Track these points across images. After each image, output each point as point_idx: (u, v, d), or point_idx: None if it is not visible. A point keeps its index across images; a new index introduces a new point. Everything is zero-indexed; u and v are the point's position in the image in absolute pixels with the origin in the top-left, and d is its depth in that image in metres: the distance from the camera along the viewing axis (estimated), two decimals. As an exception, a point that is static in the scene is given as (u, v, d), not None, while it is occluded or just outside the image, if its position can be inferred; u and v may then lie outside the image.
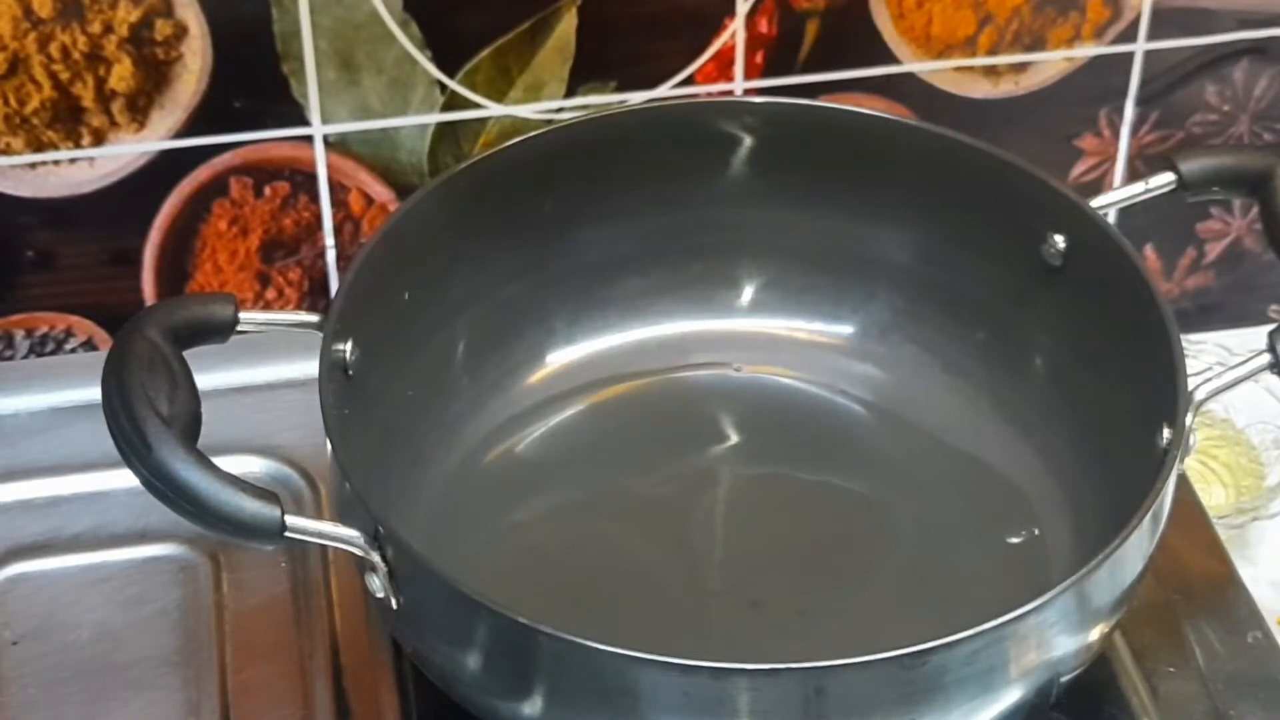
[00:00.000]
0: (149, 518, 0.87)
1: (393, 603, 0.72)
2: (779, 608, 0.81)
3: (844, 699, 0.67)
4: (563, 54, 0.95)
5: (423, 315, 0.85)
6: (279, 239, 0.98)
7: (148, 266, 0.97)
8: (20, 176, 0.93)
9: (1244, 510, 0.92)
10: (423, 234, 0.84)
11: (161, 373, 0.73)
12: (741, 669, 0.67)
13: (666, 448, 0.89)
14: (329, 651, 0.83)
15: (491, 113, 0.96)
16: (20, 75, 0.90)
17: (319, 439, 0.74)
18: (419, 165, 0.97)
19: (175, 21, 0.90)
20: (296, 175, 0.96)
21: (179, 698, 0.82)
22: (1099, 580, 0.70)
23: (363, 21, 0.92)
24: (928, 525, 0.84)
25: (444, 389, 0.87)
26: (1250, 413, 0.96)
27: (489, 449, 0.88)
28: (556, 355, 0.92)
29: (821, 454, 0.88)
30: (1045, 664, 0.71)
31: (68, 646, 0.84)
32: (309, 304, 1.00)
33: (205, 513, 0.70)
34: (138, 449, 0.70)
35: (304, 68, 0.92)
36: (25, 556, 0.88)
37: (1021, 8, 0.97)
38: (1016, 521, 0.84)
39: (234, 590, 0.87)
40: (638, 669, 0.67)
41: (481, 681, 0.72)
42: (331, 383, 0.76)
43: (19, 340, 0.98)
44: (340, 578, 0.86)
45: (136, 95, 0.92)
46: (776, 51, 0.97)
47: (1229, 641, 0.83)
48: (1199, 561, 0.86)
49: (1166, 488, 0.72)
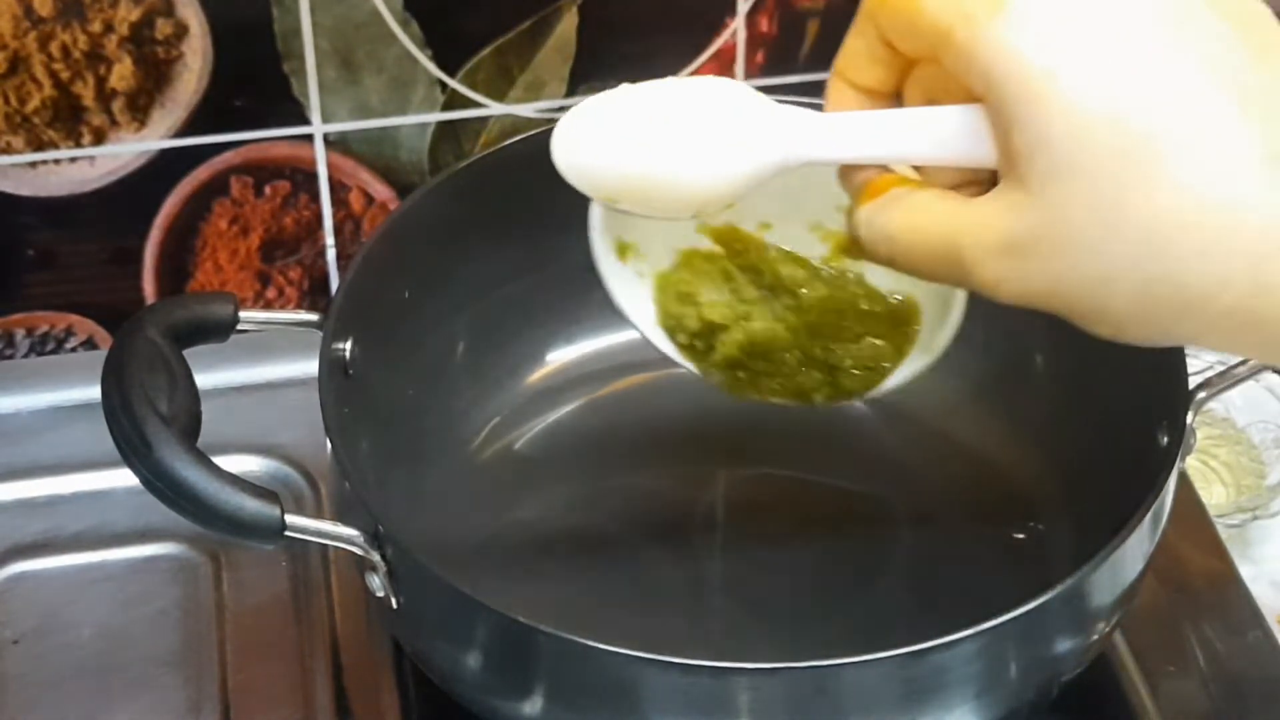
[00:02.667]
0: (149, 517, 0.87)
1: (393, 602, 0.72)
2: (779, 607, 0.81)
3: (844, 699, 0.68)
4: (563, 53, 0.95)
5: (423, 314, 0.85)
6: (279, 238, 0.98)
7: (148, 266, 0.97)
8: (21, 175, 0.93)
9: (1244, 509, 0.92)
10: (423, 233, 0.84)
11: (161, 372, 0.73)
12: (741, 669, 0.67)
13: (666, 446, 0.89)
14: (329, 651, 0.83)
15: (492, 112, 0.96)
16: (21, 74, 0.90)
17: (319, 439, 0.74)
18: (419, 164, 0.97)
19: (176, 20, 0.90)
20: (297, 174, 0.96)
21: (179, 697, 0.82)
22: (1099, 580, 0.70)
23: (363, 20, 0.92)
24: (928, 524, 0.84)
25: (444, 388, 0.87)
26: (1251, 412, 0.96)
27: (489, 447, 0.89)
28: (556, 354, 0.92)
29: (822, 453, 0.88)
30: (1045, 664, 0.71)
31: (68, 646, 0.84)
32: (309, 303, 1.00)
33: (205, 512, 0.70)
34: (138, 448, 0.70)
35: (304, 67, 0.92)
36: (25, 556, 0.88)
37: (1022, 7, 0.97)
38: (1017, 520, 0.84)
39: (234, 590, 0.87)
40: (638, 669, 0.67)
41: (481, 681, 0.72)
42: (331, 382, 0.76)
43: (19, 339, 0.98)
44: (340, 577, 0.86)
45: (137, 94, 0.92)
46: (777, 51, 0.97)
47: (1229, 641, 0.83)
48: (1199, 561, 0.86)
49: (1167, 487, 0.72)
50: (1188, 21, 0.54)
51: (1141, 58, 0.53)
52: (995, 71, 0.54)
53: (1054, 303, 0.56)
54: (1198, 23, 0.54)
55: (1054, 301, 0.56)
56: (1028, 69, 0.54)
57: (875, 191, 0.60)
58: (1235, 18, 0.54)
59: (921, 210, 0.59)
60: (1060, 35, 0.54)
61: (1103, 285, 0.55)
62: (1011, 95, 0.54)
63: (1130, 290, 0.54)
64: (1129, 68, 0.53)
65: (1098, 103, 0.53)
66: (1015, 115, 0.54)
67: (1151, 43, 0.53)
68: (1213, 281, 0.53)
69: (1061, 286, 0.55)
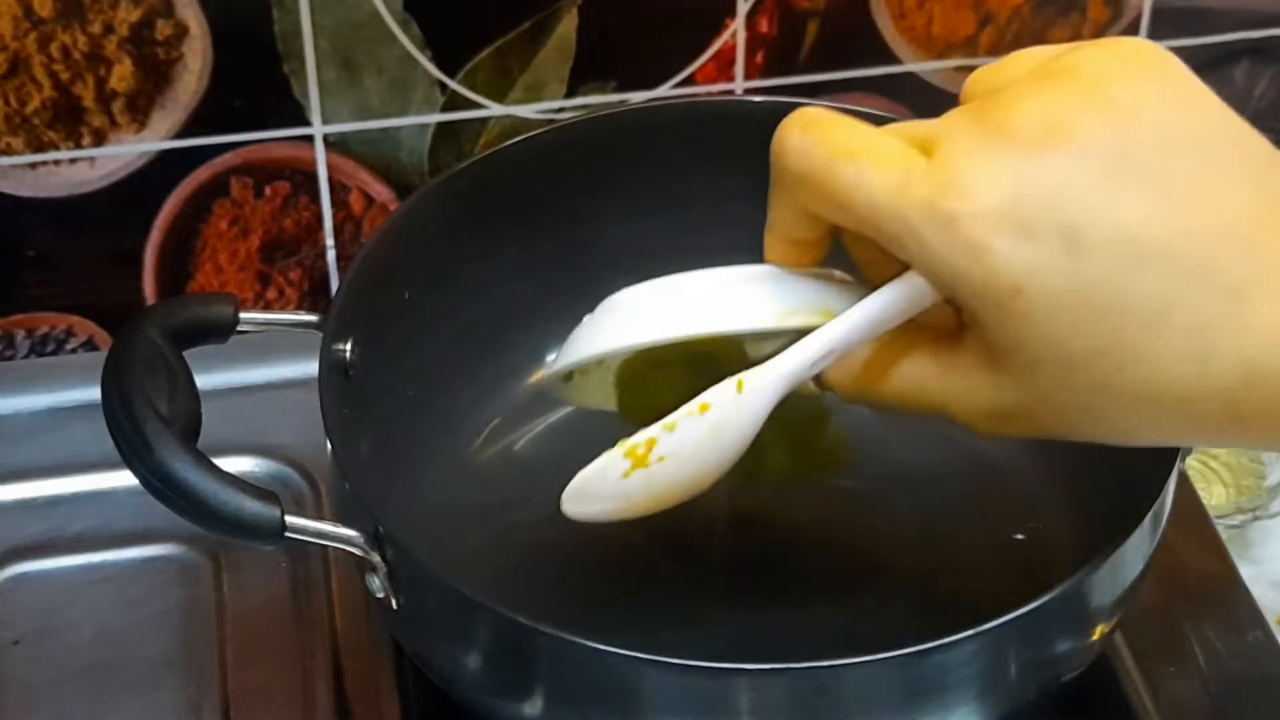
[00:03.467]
0: (149, 518, 0.87)
1: (393, 603, 0.72)
2: (779, 607, 0.81)
3: (844, 699, 0.67)
4: (563, 54, 0.95)
5: (423, 314, 0.85)
6: (279, 239, 0.98)
7: (148, 266, 0.97)
8: (21, 176, 0.93)
9: (1244, 510, 0.92)
10: (423, 234, 0.84)
11: (161, 373, 0.73)
12: (741, 669, 0.67)
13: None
14: (329, 651, 0.83)
15: (492, 113, 0.96)
16: (21, 75, 0.90)
17: (319, 439, 0.74)
18: (419, 165, 0.97)
19: (176, 21, 0.90)
20: (297, 175, 0.96)
21: (179, 698, 0.82)
22: (1099, 580, 0.70)
23: (363, 21, 0.92)
24: (928, 524, 0.84)
25: (444, 388, 0.87)
26: (1251, 412, 0.96)
27: (489, 448, 0.88)
28: (556, 354, 0.91)
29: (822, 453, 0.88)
30: (1045, 664, 0.71)
31: (68, 646, 0.84)
32: (309, 304, 1.00)
33: (205, 513, 0.70)
34: (138, 449, 0.70)
35: (304, 68, 0.92)
36: (26, 556, 0.88)
37: (1022, 8, 0.97)
38: (1017, 521, 0.84)
39: (234, 590, 0.87)
40: (638, 669, 0.67)
41: (481, 681, 0.72)
42: (331, 382, 0.76)
43: (19, 340, 0.98)
44: (340, 578, 0.86)
45: (137, 95, 0.92)
46: (777, 51, 0.97)
47: (1229, 641, 0.83)
48: (1199, 561, 0.86)
49: (1167, 487, 0.72)
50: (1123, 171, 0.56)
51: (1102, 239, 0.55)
52: (962, 288, 0.57)
53: (1049, 438, 0.60)
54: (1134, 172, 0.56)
55: (1049, 437, 0.60)
56: (996, 287, 0.56)
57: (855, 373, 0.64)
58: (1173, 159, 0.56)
59: (909, 382, 0.62)
60: (1021, 248, 0.55)
61: (1091, 433, 0.59)
62: (982, 307, 0.57)
63: (1121, 434, 0.59)
64: (1091, 260, 0.55)
65: (1067, 311, 0.55)
66: (987, 322, 0.57)
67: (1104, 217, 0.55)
68: (1198, 415, 0.56)
69: (1051, 435, 0.60)
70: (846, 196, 0.58)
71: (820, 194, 0.60)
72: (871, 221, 0.58)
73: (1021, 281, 0.55)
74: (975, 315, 0.57)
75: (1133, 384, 0.56)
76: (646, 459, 0.66)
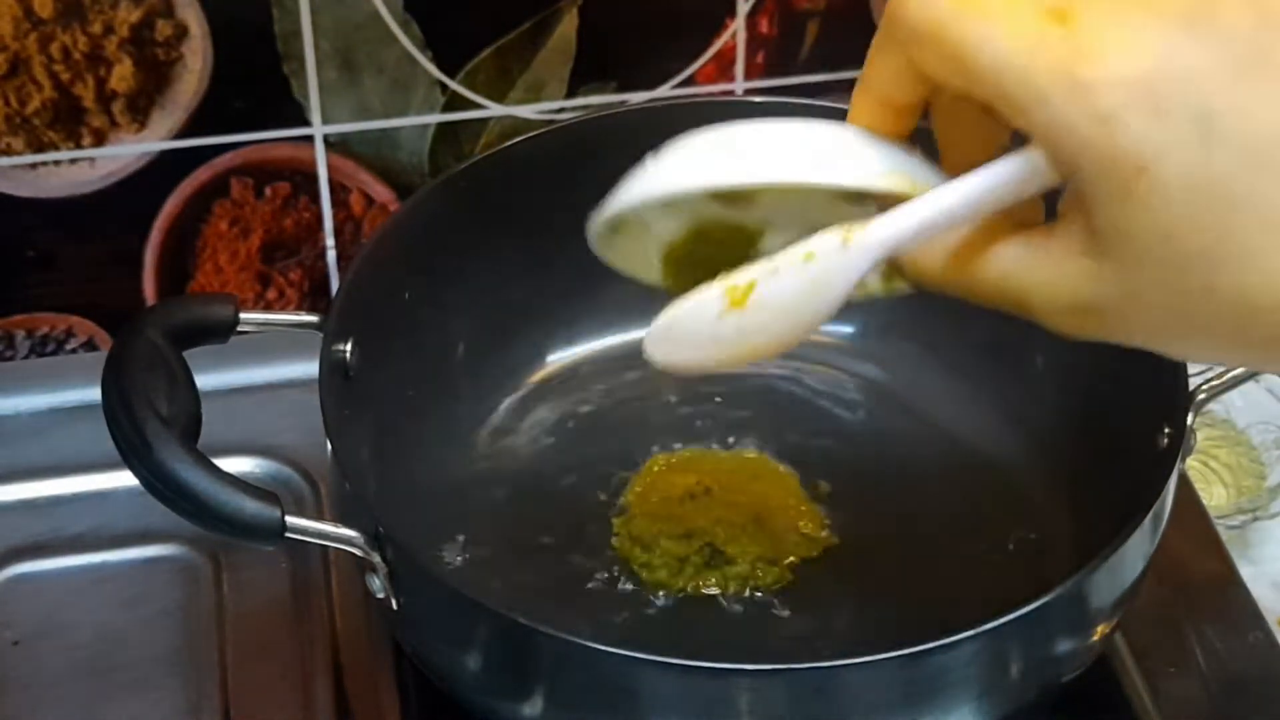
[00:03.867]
0: (149, 518, 0.87)
1: (393, 603, 0.72)
2: (779, 607, 0.81)
3: (844, 699, 0.67)
4: (563, 54, 0.95)
5: (423, 315, 0.85)
6: (279, 239, 0.98)
7: (148, 267, 0.97)
8: (21, 177, 0.93)
9: (1244, 510, 0.92)
10: (423, 234, 0.84)
11: (161, 373, 0.73)
12: (741, 669, 0.67)
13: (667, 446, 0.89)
14: (329, 651, 0.83)
15: (492, 113, 0.96)
16: (21, 75, 0.90)
17: (319, 439, 0.74)
18: (420, 165, 0.97)
19: (176, 22, 0.90)
20: (297, 176, 0.96)
21: (179, 698, 0.82)
22: (1099, 580, 0.70)
23: (363, 22, 0.92)
24: (928, 525, 0.84)
25: (444, 389, 0.87)
26: (1251, 413, 0.96)
27: (489, 448, 0.88)
28: (556, 354, 0.92)
29: (821, 453, 0.88)
30: (1045, 664, 0.71)
31: (68, 647, 0.84)
32: (309, 304, 1.00)
33: (205, 513, 0.70)
34: (138, 449, 0.70)
35: (304, 68, 0.92)
36: (26, 557, 0.88)
37: (1022, 8, 0.97)
38: (1017, 521, 0.84)
39: (234, 590, 0.87)
40: (638, 669, 0.67)
41: (481, 681, 0.72)
42: (331, 383, 0.76)
43: (19, 340, 0.98)
44: (340, 578, 0.86)
45: (137, 95, 0.92)
46: (777, 51, 0.97)
47: (1229, 641, 0.83)
48: (1199, 561, 0.86)
49: (1167, 488, 0.72)
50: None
51: (1227, 134, 0.51)
52: (1086, 163, 0.53)
53: (1121, 342, 0.56)
54: None
55: (1121, 341, 0.56)
56: (1122, 164, 0.52)
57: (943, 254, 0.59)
58: None
59: (995, 270, 0.57)
60: (1153, 126, 0.52)
61: (1168, 341, 0.55)
62: (1100, 186, 0.53)
63: (1197, 348, 0.55)
64: (1223, 152, 0.51)
65: (1188, 202, 0.52)
66: (1100, 202, 0.53)
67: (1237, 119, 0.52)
68: None
69: (1132, 339, 0.56)
70: (971, 54, 0.54)
71: (940, 50, 0.55)
72: (995, 84, 0.53)
73: (1149, 161, 0.51)
74: (1089, 195, 0.53)
75: (1235, 290, 0.52)
76: (744, 301, 0.60)
